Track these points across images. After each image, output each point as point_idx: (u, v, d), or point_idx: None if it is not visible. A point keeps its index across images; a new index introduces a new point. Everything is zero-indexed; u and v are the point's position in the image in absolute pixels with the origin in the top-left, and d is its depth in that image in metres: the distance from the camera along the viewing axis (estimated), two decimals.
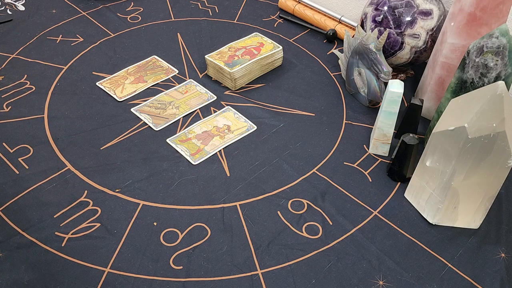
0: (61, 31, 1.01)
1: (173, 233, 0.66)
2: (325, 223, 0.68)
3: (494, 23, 0.73)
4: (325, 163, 0.77)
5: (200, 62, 0.95)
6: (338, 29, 1.03)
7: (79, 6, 1.09)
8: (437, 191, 0.66)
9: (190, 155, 0.76)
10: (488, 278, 0.63)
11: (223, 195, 0.71)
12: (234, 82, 0.88)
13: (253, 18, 1.09)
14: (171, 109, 0.84)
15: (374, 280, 0.62)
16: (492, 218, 0.70)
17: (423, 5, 0.84)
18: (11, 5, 1.08)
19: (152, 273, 0.61)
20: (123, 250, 0.63)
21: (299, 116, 0.85)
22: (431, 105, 0.84)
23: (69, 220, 0.66)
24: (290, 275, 0.62)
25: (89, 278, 0.60)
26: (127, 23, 1.05)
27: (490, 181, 0.63)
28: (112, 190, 0.70)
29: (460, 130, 0.60)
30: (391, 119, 0.74)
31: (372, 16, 0.87)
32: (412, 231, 0.68)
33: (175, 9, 1.10)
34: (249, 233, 0.66)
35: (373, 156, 0.79)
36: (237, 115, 0.84)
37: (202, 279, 0.61)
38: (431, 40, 0.85)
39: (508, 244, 0.67)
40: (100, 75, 0.91)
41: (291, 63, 0.97)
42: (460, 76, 0.72)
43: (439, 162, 0.65)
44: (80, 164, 0.74)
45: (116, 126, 0.81)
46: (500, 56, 0.67)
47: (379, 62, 0.80)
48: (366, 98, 0.87)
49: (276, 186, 0.73)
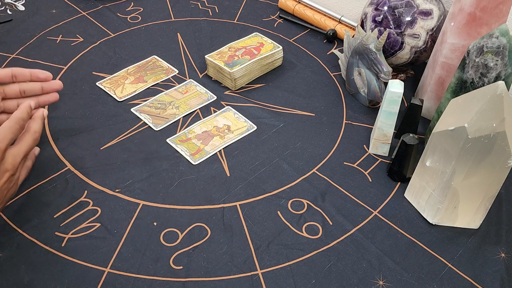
0: (61, 31, 1.01)
1: (173, 233, 0.66)
2: (325, 223, 0.68)
3: (494, 23, 0.73)
4: (325, 163, 0.77)
5: (200, 62, 0.95)
6: (338, 29, 1.03)
7: (79, 6, 1.09)
8: (437, 191, 0.66)
9: (190, 155, 0.76)
10: (488, 278, 0.63)
11: (223, 195, 0.71)
12: (234, 82, 0.88)
13: (253, 18, 1.09)
14: (171, 109, 0.84)
15: (374, 280, 0.62)
16: (492, 218, 0.70)
17: (423, 5, 0.84)
18: (11, 5, 1.08)
19: (152, 273, 0.61)
20: (123, 250, 0.63)
21: (299, 116, 0.85)
22: (431, 105, 0.84)
23: (69, 220, 0.66)
24: (290, 275, 0.62)
25: (89, 278, 0.60)
26: (127, 23, 1.05)
27: (490, 181, 0.63)
28: (112, 190, 0.70)
29: (460, 130, 0.60)
30: (391, 119, 0.74)
31: (372, 16, 0.87)
32: (412, 231, 0.68)
33: (175, 9, 1.11)
34: (249, 233, 0.66)
35: (373, 156, 0.79)
36: (237, 115, 0.84)
37: (202, 279, 0.61)
38: (431, 40, 0.85)
39: (508, 244, 0.67)
40: (100, 75, 0.91)
41: (291, 63, 0.97)
42: (460, 76, 0.72)
43: (439, 162, 0.65)
44: (80, 164, 0.74)
45: (116, 126, 0.81)
46: (500, 56, 0.67)
47: (379, 62, 0.80)
48: (366, 98, 0.87)
49: (276, 186, 0.73)
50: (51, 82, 0.70)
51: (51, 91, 0.71)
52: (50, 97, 0.71)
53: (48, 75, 0.70)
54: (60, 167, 0.73)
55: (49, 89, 0.70)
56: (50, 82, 0.70)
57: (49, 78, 0.70)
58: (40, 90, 0.70)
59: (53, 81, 0.71)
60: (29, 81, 0.69)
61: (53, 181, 0.71)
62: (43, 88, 0.70)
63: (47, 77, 0.70)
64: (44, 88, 0.70)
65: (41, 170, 0.72)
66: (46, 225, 0.65)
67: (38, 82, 0.69)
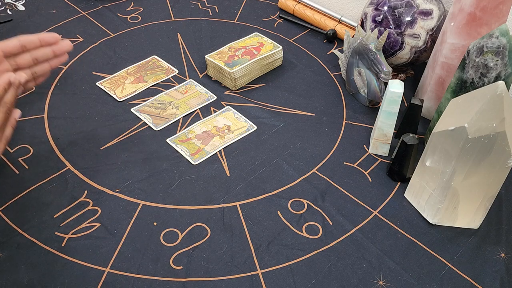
0: (61, 31, 1.01)
1: (173, 233, 0.66)
2: (325, 223, 0.68)
3: (494, 23, 0.73)
4: (325, 163, 0.77)
5: (200, 62, 0.95)
6: (338, 29, 1.03)
7: (79, 6, 1.09)
8: (437, 191, 0.66)
9: (190, 155, 0.76)
10: (488, 278, 0.63)
11: (223, 195, 0.71)
12: (234, 82, 0.88)
13: (253, 18, 1.09)
14: (171, 109, 0.84)
15: (374, 280, 0.62)
16: (492, 218, 0.70)
17: (423, 5, 0.84)
18: (11, 5, 1.08)
19: (152, 273, 0.61)
20: (123, 250, 0.63)
21: (299, 116, 0.85)
22: (431, 105, 0.84)
23: (69, 220, 0.66)
24: (290, 275, 0.62)
25: (89, 278, 0.60)
26: (127, 23, 1.05)
27: (490, 181, 0.63)
28: (112, 190, 0.70)
29: (460, 130, 0.60)
30: (391, 119, 0.74)
31: (372, 16, 0.87)
32: (412, 231, 0.68)
33: (175, 9, 1.11)
34: (249, 233, 0.66)
35: (373, 156, 0.79)
36: (237, 115, 0.84)
37: (202, 279, 0.61)
38: (431, 40, 0.85)
39: (508, 244, 0.67)
40: (100, 75, 0.91)
41: (291, 63, 0.97)
42: (460, 76, 0.72)
43: (439, 162, 0.65)
44: (80, 164, 0.74)
45: (116, 126, 0.81)
46: (500, 56, 0.67)
47: (379, 62, 0.80)
48: (366, 98, 0.87)
49: (276, 186, 0.73)
50: (61, 44, 0.68)
51: (62, 53, 0.69)
52: (61, 59, 0.69)
53: (56, 37, 0.68)
54: (60, 167, 0.73)
55: (60, 52, 0.68)
56: (60, 44, 0.68)
57: (58, 40, 0.68)
58: (52, 54, 0.68)
59: (63, 42, 0.69)
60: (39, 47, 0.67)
61: (53, 181, 0.71)
62: (54, 51, 0.68)
63: (56, 39, 0.68)
64: (55, 51, 0.68)
65: (41, 170, 0.72)
66: (46, 225, 0.65)
67: (49, 46, 0.67)
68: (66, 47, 0.68)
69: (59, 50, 0.68)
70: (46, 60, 0.67)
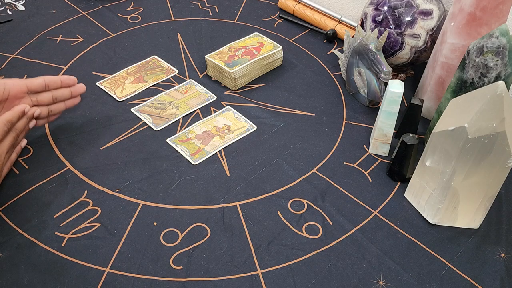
0: (61, 31, 1.01)
1: (173, 233, 0.66)
2: (325, 223, 0.68)
3: (494, 23, 0.73)
4: (325, 163, 0.77)
5: (200, 62, 0.95)
6: (338, 29, 1.03)
7: (79, 6, 1.09)
8: (437, 191, 0.66)
9: (190, 155, 0.76)
10: (488, 278, 0.63)
11: (223, 195, 0.71)
12: (234, 82, 0.88)
13: (253, 18, 1.09)
14: (171, 109, 0.84)
15: (374, 280, 0.62)
16: (492, 218, 0.70)
17: (423, 5, 0.84)
18: (11, 5, 1.08)
19: (152, 273, 0.61)
20: (123, 250, 0.63)
21: (299, 116, 0.85)
22: (431, 105, 0.84)
23: (69, 220, 0.66)
24: (290, 275, 0.62)
25: (89, 278, 0.60)
26: (127, 23, 1.05)
27: (490, 181, 0.63)
28: (112, 190, 0.70)
29: (460, 130, 0.60)
30: (391, 119, 0.74)
31: (372, 16, 0.87)
32: (412, 231, 0.68)
33: (175, 9, 1.11)
34: (249, 233, 0.66)
35: (373, 156, 0.79)
36: (237, 115, 0.84)
37: (202, 279, 0.61)
38: (431, 40, 0.85)
39: (508, 244, 0.67)
40: (100, 75, 0.91)
41: (291, 63, 0.97)
42: (460, 76, 0.72)
43: (439, 162, 0.65)
44: (80, 164, 0.74)
45: (116, 126, 0.81)
46: (500, 56, 0.67)
47: (379, 62, 0.80)
48: (366, 98, 0.87)
49: (276, 186, 0.73)
50: (77, 86, 0.76)
51: (78, 95, 0.77)
52: (75, 100, 0.77)
53: (74, 80, 0.75)
54: (60, 167, 0.73)
55: (75, 94, 0.76)
56: (76, 86, 0.76)
57: (75, 82, 0.76)
58: (70, 95, 0.75)
59: (79, 85, 0.76)
60: (60, 88, 0.74)
61: (53, 181, 0.71)
62: (72, 93, 0.75)
63: (74, 81, 0.75)
64: (73, 92, 0.75)
65: (41, 170, 0.72)
66: (46, 225, 0.65)
67: (68, 88, 0.75)
68: (81, 89, 0.76)
69: (75, 91, 0.76)
70: (63, 100, 0.75)
